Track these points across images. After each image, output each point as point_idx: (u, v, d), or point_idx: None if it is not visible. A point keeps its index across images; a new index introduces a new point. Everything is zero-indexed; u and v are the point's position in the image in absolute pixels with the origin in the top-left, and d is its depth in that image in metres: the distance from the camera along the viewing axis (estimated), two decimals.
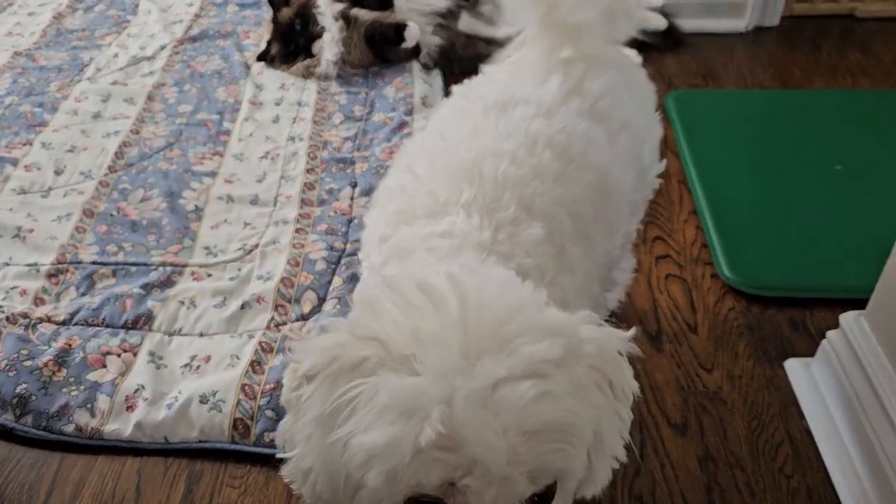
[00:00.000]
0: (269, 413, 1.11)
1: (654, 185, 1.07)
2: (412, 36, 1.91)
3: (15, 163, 1.68)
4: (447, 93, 1.84)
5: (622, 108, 0.90)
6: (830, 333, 1.13)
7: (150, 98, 1.91)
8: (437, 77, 1.96)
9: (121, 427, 1.11)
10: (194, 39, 2.17)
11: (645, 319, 1.30)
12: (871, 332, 1.05)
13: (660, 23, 2.08)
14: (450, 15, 1.99)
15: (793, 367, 1.20)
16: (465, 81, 0.95)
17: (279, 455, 0.63)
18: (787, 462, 1.08)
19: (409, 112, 1.79)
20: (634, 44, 2.05)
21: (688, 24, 2.16)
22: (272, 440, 1.08)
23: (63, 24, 2.28)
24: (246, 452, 1.09)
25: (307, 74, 1.96)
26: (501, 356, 0.52)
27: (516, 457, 0.51)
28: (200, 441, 1.10)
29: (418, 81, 1.91)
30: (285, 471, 0.62)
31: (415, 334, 0.54)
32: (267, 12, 2.21)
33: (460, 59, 1.98)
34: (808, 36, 2.16)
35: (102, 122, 1.82)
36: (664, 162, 1.07)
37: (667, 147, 1.72)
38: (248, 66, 2.02)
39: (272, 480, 1.06)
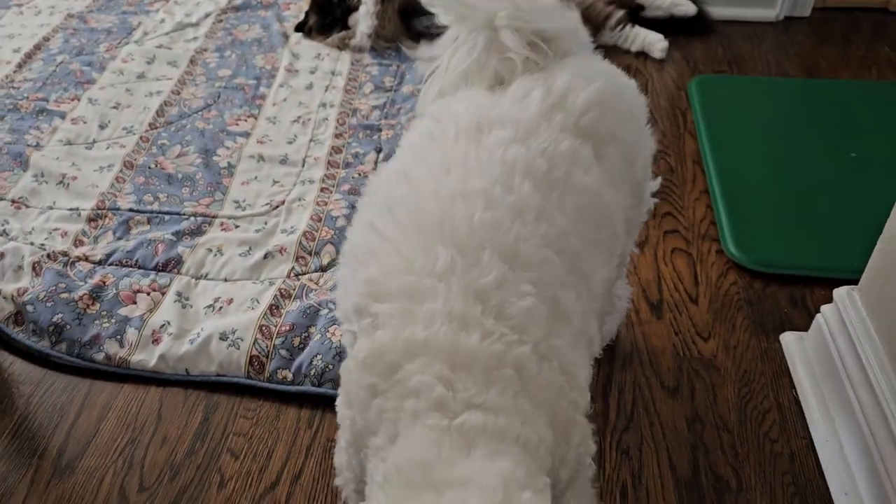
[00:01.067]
0: (283, 352, 1.18)
1: (649, 204, 1.00)
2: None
3: (63, 116, 1.78)
4: None
5: (610, 122, 0.84)
6: (825, 307, 1.17)
7: (192, 62, 2.00)
8: None
9: (146, 358, 1.20)
10: (237, 9, 2.25)
11: (648, 289, 1.34)
12: (863, 306, 1.09)
13: (689, 9, 2.11)
14: None
15: (787, 340, 1.23)
16: (442, 100, 0.90)
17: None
18: (773, 427, 1.12)
19: None
20: (664, 27, 2.09)
21: (718, 11, 2.18)
22: (285, 377, 1.16)
23: None
24: (260, 388, 1.16)
25: (342, 46, 2.03)
26: None
27: None
28: (218, 375, 1.18)
29: None
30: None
31: None
32: None
33: None
34: (838, 28, 2.17)
35: (146, 83, 1.92)
36: (658, 180, 1.01)
37: (685, 130, 1.76)
38: (286, 36, 2.10)
39: (283, 414, 1.14)
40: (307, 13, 2.08)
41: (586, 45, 0.98)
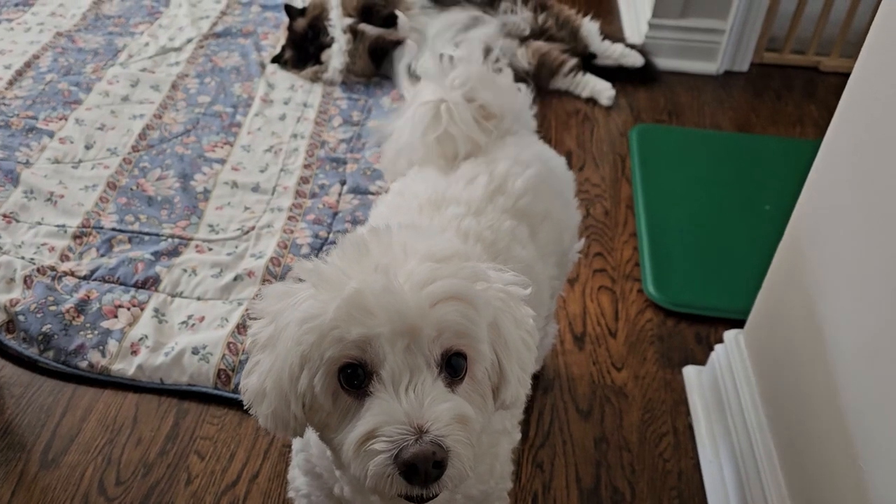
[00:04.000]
0: None
1: (574, 260, 1.16)
2: (410, 52, 2.14)
3: (51, 135, 1.91)
4: None
5: (543, 202, 1.00)
6: (718, 346, 1.36)
7: (173, 87, 2.15)
8: None
9: (125, 367, 1.35)
10: (218, 35, 2.40)
11: (573, 322, 1.53)
12: (745, 348, 1.28)
13: (637, 60, 2.31)
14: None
15: (688, 373, 1.42)
16: (401, 179, 1.06)
17: (245, 402, 0.73)
18: (667, 449, 1.31)
19: None
20: (613, 74, 2.28)
21: (664, 62, 2.38)
22: None
23: (101, 10, 2.51)
24: (226, 397, 1.32)
25: (315, 79, 2.19)
26: (409, 258, 0.66)
27: (421, 311, 0.63)
28: (189, 384, 1.34)
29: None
30: (244, 389, 0.72)
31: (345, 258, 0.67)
32: (286, 16, 2.44)
33: None
34: (773, 84, 2.38)
35: (130, 105, 2.06)
36: (583, 241, 1.19)
37: (623, 175, 1.95)
38: (263, 66, 2.26)
39: (244, 422, 1.30)
40: (284, 47, 2.24)
41: (527, 125, 1.16)
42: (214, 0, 2.59)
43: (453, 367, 0.67)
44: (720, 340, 1.47)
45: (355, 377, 0.65)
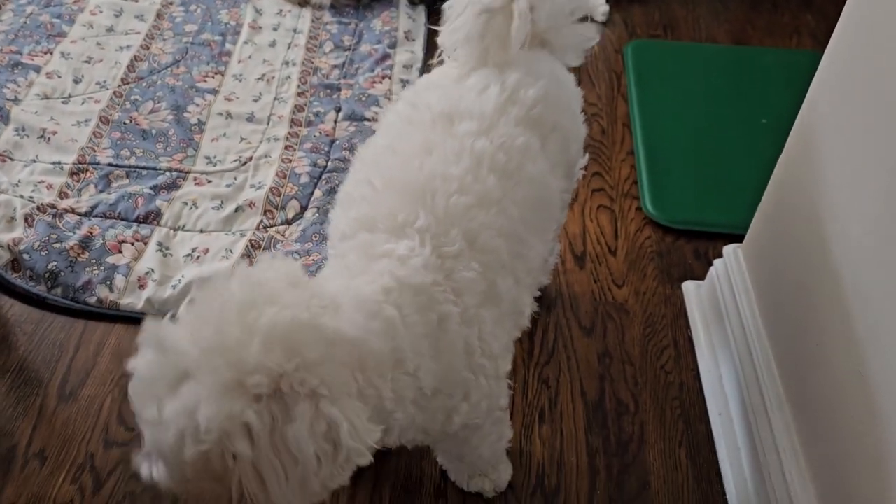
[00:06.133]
0: None
1: (578, 176, 1.18)
2: None
3: (38, 70, 1.87)
4: (429, 30, 2.04)
5: (553, 113, 1.00)
6: (717, 261, 1.38)
7: (158, 16, 2.09)
8: (421, 12, 2.14)
9: (134, 301, 1.37)
10: None
11: (574, 241, 1.54)
12: (744, 262, 1.30)
13: None
14: None
15: (687, 287, 1.45)
16: (411, 87, 1.08)
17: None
18: (668, 361, 1.34)
19: (393, 45, 1.99)
20: None
21: None
22: None
23: None
24: None
25: (303, 3, 2.14)
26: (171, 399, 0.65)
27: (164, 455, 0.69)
28: None
29: (403, 17, 2.09)
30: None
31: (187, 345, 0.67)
32: None
33: None
34: None
35: (116, 37, 2.01)
36: (587, 157, 1.19)
37: (619, 93, 1.93)
38: None
39: None
40: None
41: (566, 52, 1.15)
42: None
43: None
44: (718, 255, 1.49)
45: None
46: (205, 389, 0.64)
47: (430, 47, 2.05)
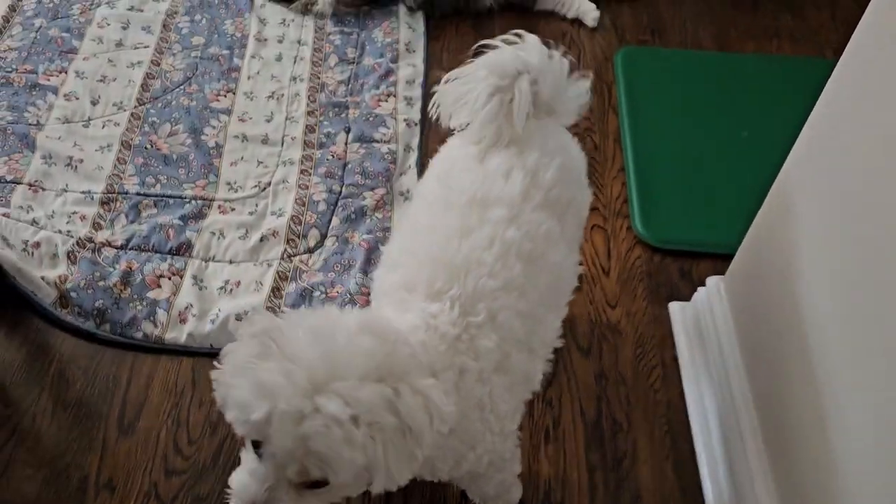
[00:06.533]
0: None
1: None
2: None
3: (55, 91, 1.95)
4: (428, 36, 2.11)
5: (568, 190, 1.13)
6: (700, 289, 1.55)
7: (165, 27, 2.15)
8: (419, 20, 2.22)
9: (177, 335, 1.51)
10: None
11: None
12: (725, 294, 1.47)
13: None
14: None
15: (674, 308, 1.62)
16: (438, 159, 1.20)
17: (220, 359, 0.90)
18: (657, 381, 1.52)
19: (395, 59, 2.08)
20: None
21: None
22: None
23: None
24: None
25: (305, 11, 2.21)
26: (320, 397, 0.77)
27: (292, 456, 0.78)
28: None
29: (403, 27, 2.17)
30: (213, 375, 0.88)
31: (295, 352, 0.80)
32: None
33: (440, 4, 2.23)
34: None
35: (126, 52, 2.08)
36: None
37: (610, 105, 2.05)
38: None
39: None
40: None
41: (565, 116, 1.26)
42: None
43: (316, 482, 0.82)
44: (702, 274, 1.65)
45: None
46: (351, 384, 0.79)
47: (430, 59, 2.14)
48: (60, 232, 1.65)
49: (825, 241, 1.09)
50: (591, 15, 2.25)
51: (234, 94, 1.99)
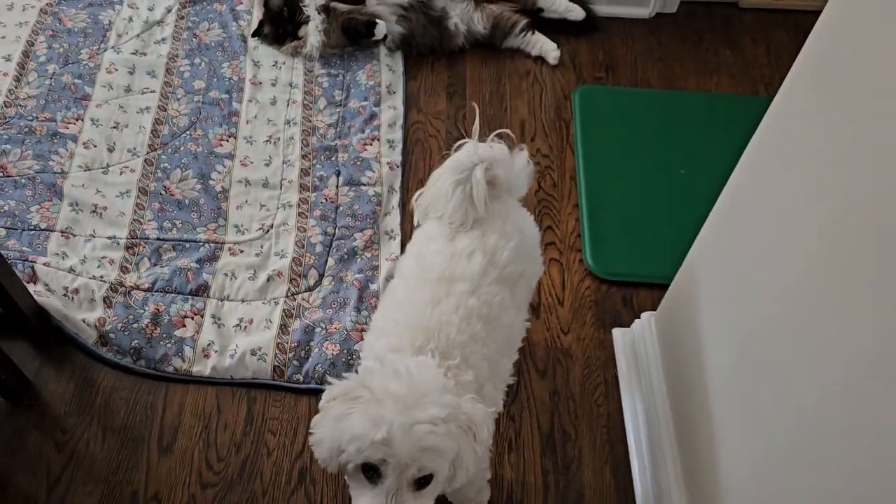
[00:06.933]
0: (295, 363, 1.81)
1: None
2: (380, 32, 2.39)
3: (75, 139, 2.19)
4: (406, 76, 2.37)
5: (520, 265, 1.40)
6: (636, 322, 1.87)
7: (168, 71, 2.39)
8: (398, 60, 2.47)
9: (202, 368, 1.81)
10: (194, 2, 2.58)
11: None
12: (655, 330, 1.79)
13: (579, 14, 2.59)
14: (410, 8, 2.46)
15: (616, 334, 1.94)
16: (415, 240, 1.48)
17: (311, 433, 1.20)
18: (600, 396, 1.85)
19: (378, 103, 2.34)
20: (558, 26, 2.56)
21: (601, 9, 2.66)
22: (298, 379, 1.80)
23: None
24: (282, 386, 1.80)
25: (295, 53, 2.45)
26: (417, 411, 1.08)
27: (413, 456, 1.04)
28: (253, 378, 1.80)
29: (384, 69, 2.43)
30: (311, 440, 1.13)
31: (385, 390, 1.15)
32: None
33: (417, 45, 2.49)
34: (696, 26, 2.69)
35: (134, 97, 2.31)
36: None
37: (567, 143, 2.34)
38: (244, 40, 2.48)
39: (299, 403, 1.79)
40: (261, 22, 2.46)
41: (519, 192, 1.54)
42: None
43: (423, 479, 1.12)
44: (642, 302, 1.98)
45: (369, 469, 1.12)
46: (435, 396, 1.10)
47: (408, 100, 2.40)
48: (94, 277, 1.92)
49: (715, 316, 1.41)
50: (552, 54, 2.52)
51: (235, 138, 2.24)
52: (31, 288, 1.83)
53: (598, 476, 1.73)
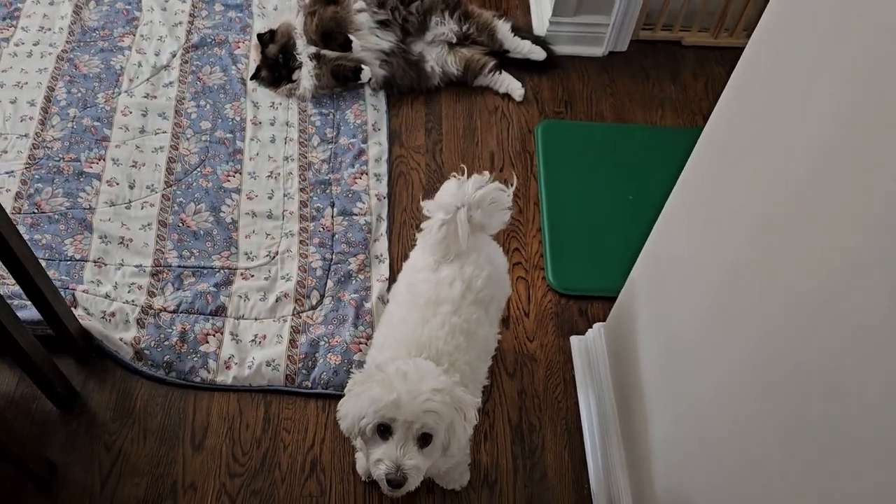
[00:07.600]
0: (303, 372, 2.14)
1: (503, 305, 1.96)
2: (365, 76, 2.72)
3: (99, 178, 2.49)
4: (389, 114, 2.69)
5: (492, 290, 1.71)
6: (589, 331, 2.23)
7: (177, 112, 2.69)
8: (382, 99, 2.80)
9: (225, 378, 2.13)
10: (196, 47, 2.88)
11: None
12: (604, 338, 2.16)
13: (539, 56, 2.94)
14: (391, 54, 2.78)
15: (573, 341, 2.30)
16: (407, 269, 1.84)
17: (337, 411, 1.59)
18: (560, 393, 2.21)
19: (365, 140, 2.67)
20: (523, 64, 2.90)
21: (563, 49, 3.01)
22: (306, 385, 2.13)
23: (83, 20, 2.91)
24: (294, 392, 2.13)
25: (289, 95, 2.76)
26: (421, 384, 1.47)
27: (416, 416, 1.37)
28: (269, 385, 2.14)
29: (370, 108, 2.75)
30: (338, 415, 1.55)
31: (396, 371, 1.51)
32: (249, 16, 2.93)
33: (398, 86, 2.82)
34: (645, 63, 3.05)
35: (148, 138, 2.61)
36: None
37: (531, 173, 2.69)
38: (244, 82, 2.79)
39: (308, 405, 2.13)
40: (259, 66, 2.77)
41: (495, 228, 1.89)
42: (181, 0, 3.01)
43: (424, 439, 1.48)
44: (595, 312, 2.34)
45: (383, 428, 1.47)
46: (435, 377, 1.47)
47: (392, 136, 2.73)
48: (127, 302, 2.23)
49: (651, 316, 1.77)
50: (517, 92, 2.86)
51: (240, 174, 2.56)
52: (74, 312, 2.14)
53: (559, 459, 2.10)
